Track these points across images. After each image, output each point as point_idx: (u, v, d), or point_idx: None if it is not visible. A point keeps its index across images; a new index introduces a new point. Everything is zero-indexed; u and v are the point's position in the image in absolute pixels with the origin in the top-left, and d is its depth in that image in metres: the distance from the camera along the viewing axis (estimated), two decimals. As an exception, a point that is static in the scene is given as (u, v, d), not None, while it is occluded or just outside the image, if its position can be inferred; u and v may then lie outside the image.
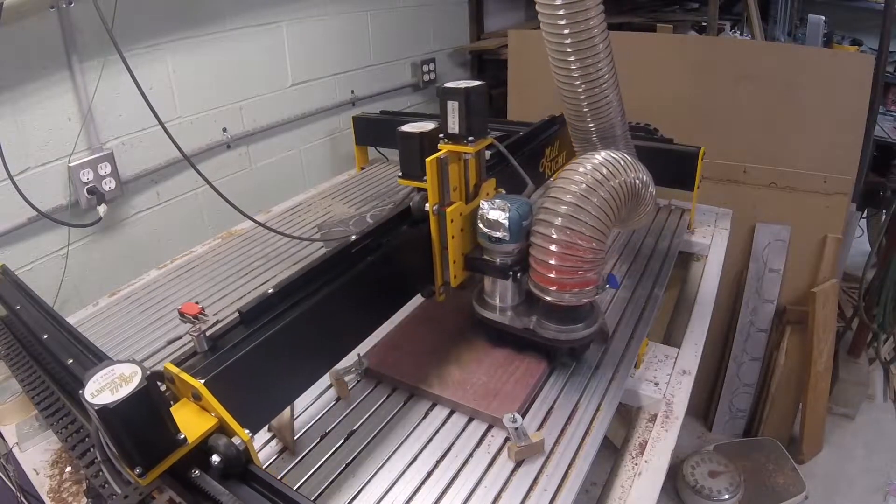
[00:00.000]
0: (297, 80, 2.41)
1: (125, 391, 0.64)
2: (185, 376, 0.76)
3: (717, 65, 2.46)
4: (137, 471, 0.67)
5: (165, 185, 2.03)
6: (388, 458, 1.02)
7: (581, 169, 1.07)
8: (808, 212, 2.47)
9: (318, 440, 1.07)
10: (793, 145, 2.42)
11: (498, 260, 1.15)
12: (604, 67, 1.20)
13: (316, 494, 0.95)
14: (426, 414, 1.12)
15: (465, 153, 1.13)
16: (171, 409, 0.73)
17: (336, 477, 0.98)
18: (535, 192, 1.28)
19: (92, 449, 0.97)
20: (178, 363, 0.80)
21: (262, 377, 0.89)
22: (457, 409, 1.12)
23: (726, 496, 2.38)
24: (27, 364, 1.19)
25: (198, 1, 1.99)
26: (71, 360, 0.98)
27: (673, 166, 1.79)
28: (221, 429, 0.75)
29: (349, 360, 1.27)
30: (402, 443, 1.05)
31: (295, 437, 1.06)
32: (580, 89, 1.23)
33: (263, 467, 0.97)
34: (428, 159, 1.08)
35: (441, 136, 1.13)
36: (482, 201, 1.14)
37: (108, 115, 1.81)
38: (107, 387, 0.65)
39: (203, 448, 0.73)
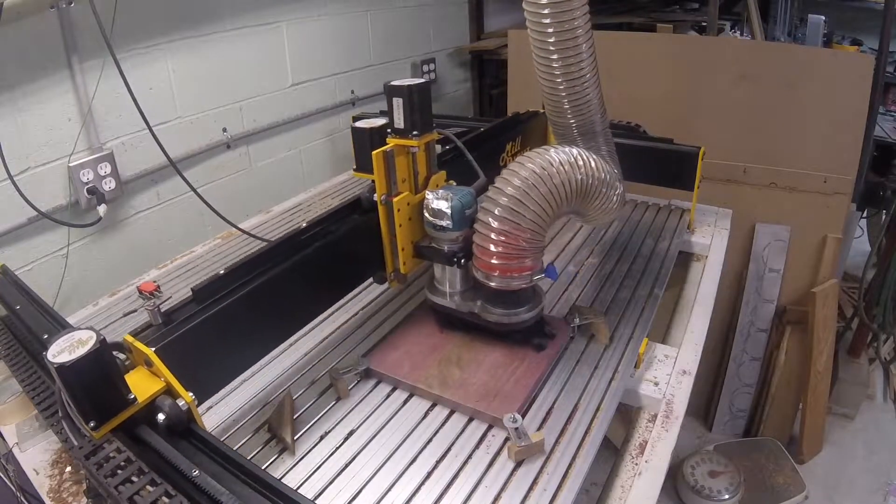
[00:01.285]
0: (297, 80, 2.41)
1: (81, 351, 0.74)
2: (139, 345, 0.85)
3: (717, 65, 2.46)
4: (91, 424, 0.77)
5: (165, 185, 2.03)
6: (388, 458, 1.02)
7: (528, 163, 1.12)
8: (808, 212, 2.47)
9: (318, 440, 1.07)
10: (793, 145, 2.42)
11: (445, 247, 1.20)
12: (586, 67, 1.23)
13: (316, 494, 0.95)
14: (426, 414, 1.12)
15: (412, 147, 1.19)
16: (127, 376, 0.83)
17: (336, 477, 0.98)
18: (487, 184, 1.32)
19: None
20: (134, 334, 0.89)
21: (210, 349, 0.97)
22: (457, 409, 1.12)
23: (726, 496, 2.38)
24: (27, 364, 1.19)
25: (197, 1, 1.99)
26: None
27: (673, 166, 1.79)
28: (168, 392, 0.84)
29: (349, 360, 1.27)
30: (401, 443, 1.05)
31: (295, 438, 1.06)
32: (561, 87, 1.26)
33: (263, 467, 0.98)
34: (374, 152, 1.15)
35: (388, 130, 1.20)
36: (427, 192, 1.19)
37: (108, 115, 1.81)
38: (66, 349, 0.74)
39: (151, 408, 0.83)
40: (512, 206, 1.08)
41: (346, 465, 1.00)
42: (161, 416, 0.81)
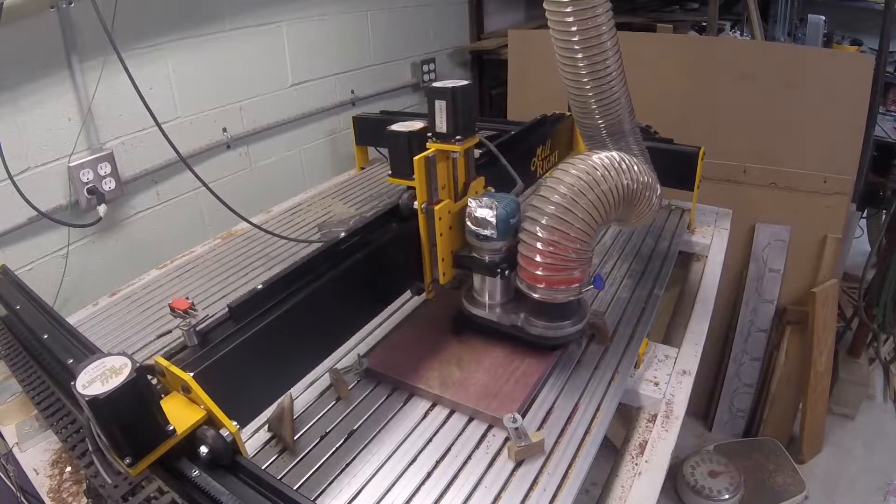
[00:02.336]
0: (297, 80, 2.41)
1: (115, 382, 0.66)
2: (175, 369, 0.78)
3: (717, 65, 2.46)
4: (127, 461, 0.70)
5: (165, 185, 2.03)
6: (388, 458, 1.02)
7: (573, 170, 1.07)
8: (808, 212, 2.47)
9: (318, 440, 1.06)
10: (793, 145, 2.42)
11: (486, 257, 1.16)
12: (612, 64, 1.20)
13: (316, 494, 0.95)
14: (426, 414, 1.12)
15: (453, 152, 1.14)
16: (161, 402, 0.75)
17: (336, 477, 0.98)
18: (526, 190, 1.29)
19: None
20: (168, 357, 0.82)
21: (250, 371, 0.90)
22: (457, 409, 1.12)
23: (726, 496, 2.38)
24: (27, 364, 1.19)
25: (198, 1, 1.99)
26: (71, 360, 0.98)
27: (673, 166, 1.79)
28: (210, 421, 0.77)
29: (349, 360, 1.27)
30: (402, 443, 1.05)
31: (295, 437, 1.06)
32: (588, 86, 1.22)
33: (263, 467, 0.98)
34: (416, 158, 1.10)
35: (429, 134, 1.14)
36: (470, 199, 1.14)
37: (108, 115, 1.81)
38: (97, 378, 0.67)
39: (191, 439, 0.75)
40: (559, 215, 1.03)
41: (346, 465, 1.00)
42: (203, 449, 0.74)
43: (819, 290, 2.47)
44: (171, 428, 0.73)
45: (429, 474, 0.98)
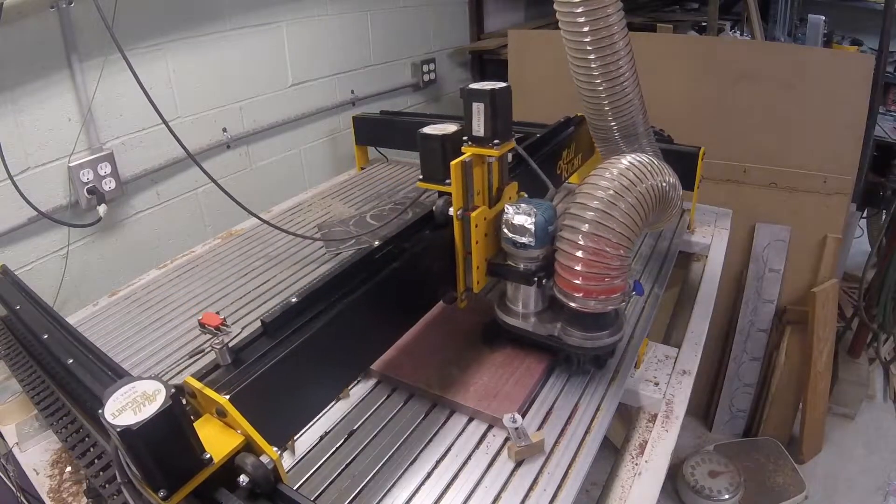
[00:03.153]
0: (297, 80, 2.41)
1: (149, 411, 0.61)
2: (210, 392, 0.73)
3: (717, 65, 2.46)
4: (161, 493, 0.64)
5: (165, 185, 2.03)
6: (388, 458, 1.02)
7: (608, 174, 1.04)
8: (808, 212, 2.47)
9: (318, 440, 1.06)
10: (793, 145, 2.42)
11: (522, 265, 1.12)
12: (624, 66, 1.18)
13: (316, 494, 0.95)
14: (426, 414, 1.12)
15: (490, 156, 1.10)
16: (195, 427, 0.70)
17: (336, 477, 0.98)
18: (555, 195, 1.26)
19: (92, 449, 0.97)
20: (199, 377, 0.77)
21: (287, 390, 0.85)
22: (457, 410, 1.12)
23: (726, 496, 2.38)
24: (27, 364, 1.19)
25: (198, 1, 1.99)
26: (71, 360, 0.98)
27: (673, 166, 1.78)
28: (248, 447, 0.72)
29: (349, 360, 1.27)
30: (402, 443, 1.05)
31: (295, 437, 1.06)
32: (600, 88, 1.20)
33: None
34: (453, 163, 1.05)
35: (465, 138, 1.10)
36: (507, 205, 1.10)
37: (108, 115, 1.81)
38: (128, 406, 0.61)
39: (229, 467, 0.70)
40: (600, 221, 1.00)
41: (346, 465, 1.00)
42: (244, 478, 0.68)
43: (819, 290, 2.47)
44: (208, 456, 0.68)
45: (429, 474, 0.98)
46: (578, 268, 1.03)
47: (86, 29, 1.68)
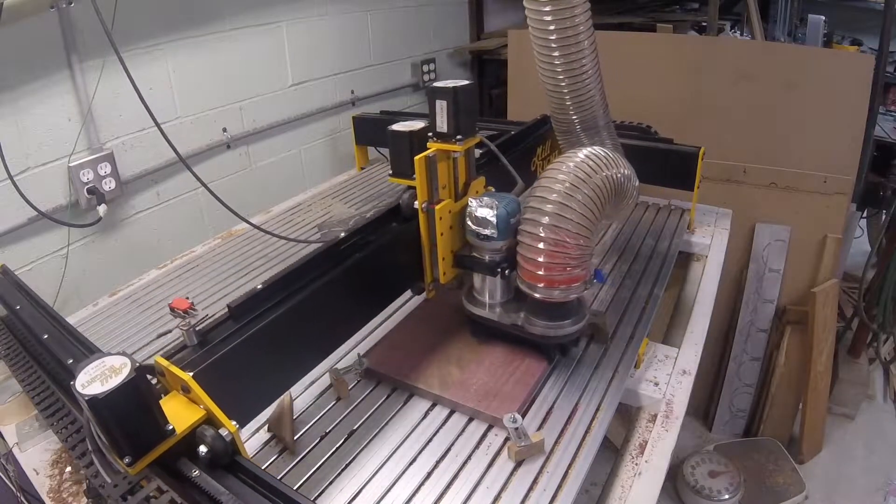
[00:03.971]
0: (297, 80, 2.41)
1: (115, 382, 0.66)
2: (175, 369, 0.78)
3: (717, 65, 2.46)
4: (126, 460, 0.70)
5: (165, 185, 2.03)
6: (388, 458, 1.02)
7: (564, 167, 1.09)
8: (808, 212, 2.47)
9: (318, 440, 1.06)
10: (793, 145, 2.42)
11: (486, 257, 1.17)
12: (588, 63, 1.23)
13: (316, 494, 0.95)
14: (426, 414, 1.12)
15: (454, 151, 1.14)
16: (161, 402, 0.75)
17: (336, 477, 0.98)
18: (525, 190, 1.30)
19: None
20: (167, 357, 0.82)
21: (250, 371, 0.91)
22: (457, 409, 1.12)
23: (726, 496, 2.38)
24: (27, 364, 1.19)
25: (198, 1, 1.99)
26: (71, 360, 0.98)
27: (673, 166, 1.79)
28: (209, 420, 0.77)
29: (349, 360, 1.27)
30: (402, 443, 1.05)
31: (295, 437, 1.06)
32: (563, 84, 1.26)
33: (263, 467, 0.98)
34: (416, 157, 1.10)
35: (430, 134, 1.15)
36: (471, 199, 1.15)
37: (108, 115, 1.81)
38: (97, 378, 0.67)
39: (191, 439, 0.75)
40: (559, 213, 1.04)
41: (346, 465, 1.00)
42: (203, 449, 0.74)
43: (819, 290, 2.47)
44: (171, 427, 0.73)
45: (429, 474, 0.98)
46: (540, 259, 1.07)
47: (86, 29, 1.68)
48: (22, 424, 1.21)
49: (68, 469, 1.09)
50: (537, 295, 1.11)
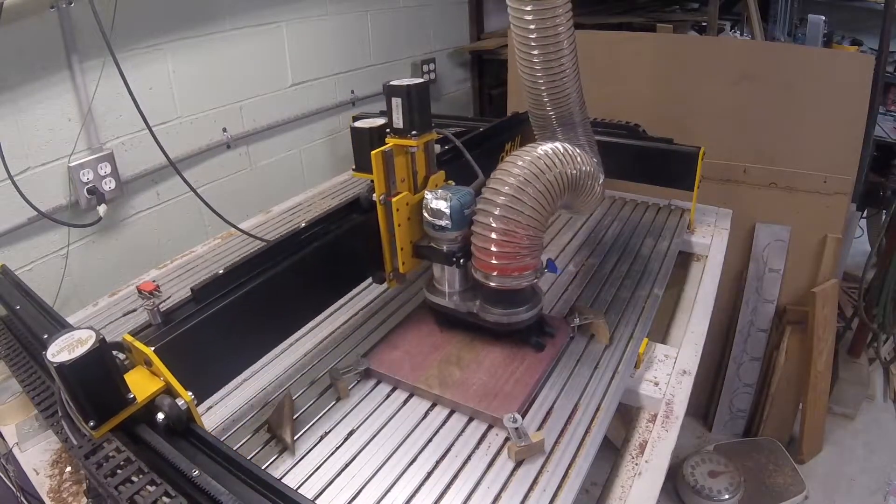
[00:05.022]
0: (297, 80, 2.41)
1: (80, 351, 0.74)
2: (138, 344, 0.85)
3: (717, 65, 2.45)
4: (91, 424, 0.77)
5: (165, 185, 2.03)
6: (388, 458, 1.02)
7: (519, 161, 1.13)
8: (808, 212, 2.47)
9: (318, 440, 1.07)
10: (793, 145, 2.42)
11: (444, 247, 1.21)
12: (566, 63, 1.26)
13: (316, 494, 0.95)
14: (426, 414, 1.12)
15: (411, 146, 1.19)
16: (127, 375, 0.83)
17: (336, 477, 0.98)
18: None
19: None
20: (133, 333, 0.90)
21: (209, 349, 0.98)
22: (457, 409, 1.12)
23: (726, 496, 2.38)
24: (27, 364, 1.19)
25: (197, 1, 1.99)
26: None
27: (673, 166, 1.79)
28: (168, 391, 0.84)
29: (349, 360, 1.27)
30: (401, 443, 1.05)
31: (295, 438, 1.06)
32: (541, 80, 1.29)
33: (263, 467, 0.98)
34: (373, 152, 1.15)
35: (387, 130, 1.20)
36: (426, 191, 1.19)
37: (108, 115, 1.81)
38: (65, 348, 0.74)
39: (151, 407, 0.82)
40: (510, 205, 1.09)
41: (346, 465, 1.00)
42: (160, 416, 0.81)
43: (819, 290, 2.47)
44: (132, 396, 0.81)
45: (429, 474, 0.98)
46: (492, 248, 1.11)
47: (86, 29, 1.68)
48: (22, 424, 1.21)
49: (68, 469, 1.09)
50: (491, 283, 1.15)
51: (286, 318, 1.14)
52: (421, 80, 1.19)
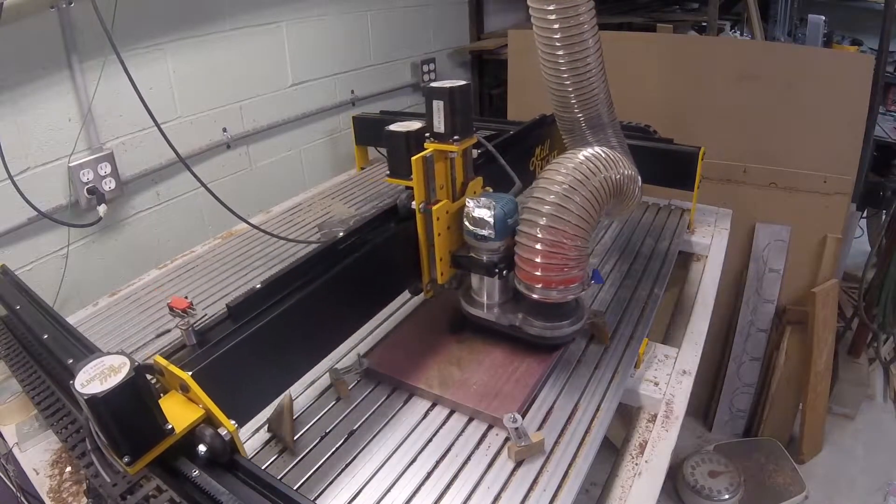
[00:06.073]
0: (297, 80, 2.41)
1: (114, 381, 0.66)
2: (174, 368, 0.78)
3: (717, 65, 2.46)
4: (126, 459, 0.69)
5: (165, 185, 2.03)
6: (388, 458, 1.02)
7: (563, 168, 1.09)
8: (808, 212, 2.47)
9: (318, 440, 1.06)
10: (793, 145, 2.42)
11: (484, 257, 1.16)
12: (592, 61, 1.23)
13: (316, 494, 0.95)
14: (426, 414, 1.12)
15: (451, 152, 1.14)
16: (160, 401, 0.75)
17: (336, 477, 0.98)
18: (523, 191, 1.30)
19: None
20: (166, 356, 0.82)
21: (248, 370, 0.91)
22: (457, 409, 1.12)
23: (726, 496, 2.38)
24: (27, 364, 1.19)
25: (198, 1, 1.99)
26: (71, 360, 0.98)
27: (673, 166, 1.79)
28: (208, 420, 0.77)
29: (349, 360, 1.27)
30: (402, 443, 1.05)
31: (295, 437, 1.06)
32: (567, 82, 1.26)
33: (263, 467, 0.98)
34: (413, 158, 1.10)
35: (427, 135, 1.15)
36: (468, 199, 1.15)
37: (108, 115, 1.81)
38: (96, 377, 0.67)
39: (190, 438, 0.75)
40: (556, 214, 1.04)
41: (346, 465, 1.00)
42: (202, 448, 0.75)
43: (819, 290, 2.47)
44: (170, 427, 0.73)
45: (429, 474, 0.98)
46: (537, 259, 1.07)
47: (86, 29, 1.68)
48: (22, 424, 1.21)
49: (68, 469, 1.09)
50: (535, 295, 1.11)
51: (327, 335, 1.07)
52: (463, 83, 1.13)
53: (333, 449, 1.04)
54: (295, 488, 0.82)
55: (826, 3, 3.78)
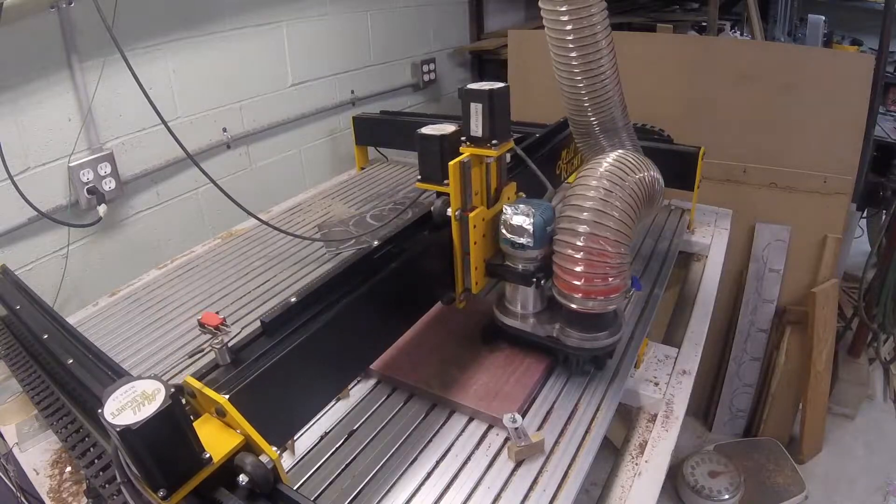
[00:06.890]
0: (297, 80, 2.41)
1: (148, 411, 0.61)
2: (209, 392, 0.73)
3: (717, 65, 2.46)
4: (161, 493, 0.64)
5: (165, 185, 2.03)
6: (388, 458, 1.02)
7: (596, 173, 1.05)
8: (808, 212, 2.47)
9: (318, 440, 1.06)
10: (793, 145, 2.42)
11: (520, 266, 1.12)
12: (606, 63, 1.20)
13: (316, 494, 0.95)
14: (426, 414, 1.12)
15: (488, 157, 1.09)
16: (194, 426, 0.70)
17: (336, 477, 0.98)
18: (554, 195, 1.27)
19: (92, 449, 0.98)
20: (199, 377, 0.76)
21: (286, 390, 0.85)
22: (457, 410, 1.12)
23: (726, 496, 2.38)
24: (27, 364, 1.19)
25: (197, 1, 1.99)
26: (71, 360, 0.98)
27: (673, 166, 1.78)
28: (248, 446, 0.72)
29: (349, 360, 1.27)
30: (402, 443, 1.05)
31: (295, 437, 1.06)
32: (581, 84, 1.23)
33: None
34: (451, 163, 1.05)
35: (463, 138, 1.10)
36: (505, 206, 1.10)
37: (108, 115, 1.81)
38: (128, 405, 0.61)
39: (229, 467, 0.70)
40: (597, 220, 1.01)
41: (346, 465, 1.00)
42: (243, 478, 0.68)
43: (819, 290, 2.47)
44: (208, 456, 0.68)
45: (429, 474, 0.98)
46: (578, 268, 1.03)
47: (86, 29, 1.68)
48: (22, 424, 1.21)
49: (68, 469, 1.09)
50: (574, 306, 1.06)
51: (364, 349, 1.02)
52: (502, 84, 1.08)
53: (333, 449, 1.04)
54: (295, 488, 0.81)
55: (826, 3, 3.78)
